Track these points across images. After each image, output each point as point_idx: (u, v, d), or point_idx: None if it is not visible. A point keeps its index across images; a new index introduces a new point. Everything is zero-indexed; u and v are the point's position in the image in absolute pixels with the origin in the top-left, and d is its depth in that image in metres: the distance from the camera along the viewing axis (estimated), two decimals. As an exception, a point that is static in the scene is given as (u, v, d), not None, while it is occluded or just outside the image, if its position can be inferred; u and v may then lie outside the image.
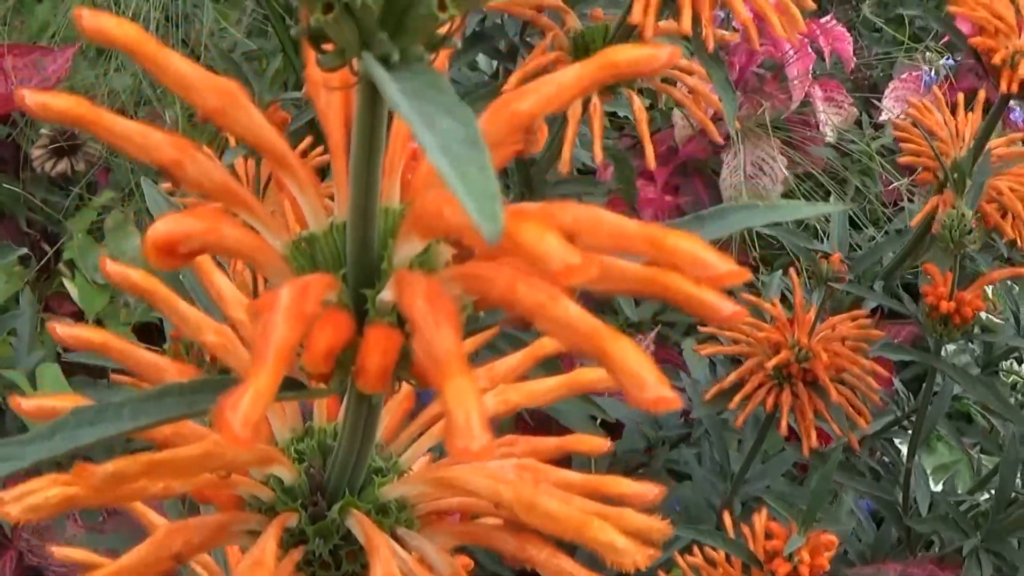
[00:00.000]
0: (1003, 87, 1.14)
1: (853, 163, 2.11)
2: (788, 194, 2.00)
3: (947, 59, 2.15)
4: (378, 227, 0.36)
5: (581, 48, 0.87)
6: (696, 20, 0.76)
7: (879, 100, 2.22)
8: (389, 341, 0.34)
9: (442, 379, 0.29)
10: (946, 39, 2.21)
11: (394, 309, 0.35)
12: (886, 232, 2.01)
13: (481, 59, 1.51)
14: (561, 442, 0.49)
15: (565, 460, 0.49)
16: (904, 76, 2.20)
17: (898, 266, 1.30)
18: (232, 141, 1.01)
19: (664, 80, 0.91)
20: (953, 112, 1.30)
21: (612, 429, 1.43)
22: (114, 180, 1.85)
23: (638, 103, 0.87)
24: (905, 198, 1.97)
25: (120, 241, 1.74)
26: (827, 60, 2.06)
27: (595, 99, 0.86)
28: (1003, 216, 1.22)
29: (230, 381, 0.36)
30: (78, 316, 1.67)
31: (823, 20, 2.19)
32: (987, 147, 1.20)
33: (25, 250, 1.60)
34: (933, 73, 2.09)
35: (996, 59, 1.13)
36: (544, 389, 0.49)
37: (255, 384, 0.29)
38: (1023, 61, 1.13)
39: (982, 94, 1.23)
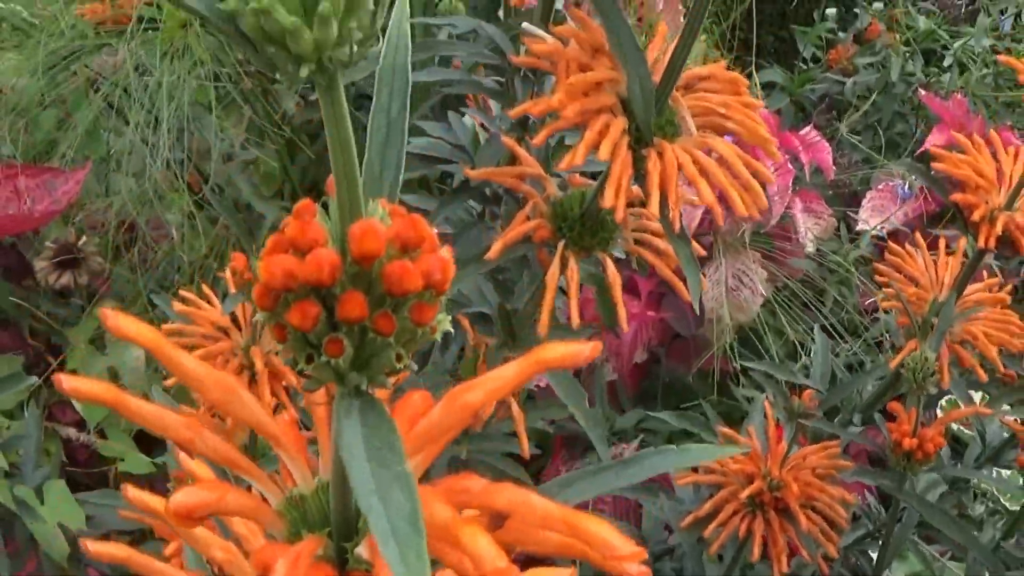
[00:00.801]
0: (981, 242, 1.19)
1: (831, 272, 2.17)
2: (768, 303, 2.06)
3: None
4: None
5: (560, 215, 0.93)
6: (664, 202, 0.83)
7: (859, 208, 2.28)
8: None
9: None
10: (922, 149, 2.27)
11: (366, 561, 0.41)
12: (864, 340, 2.07)
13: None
14: None
15: None
16: (881, 187, 2.27)
17: (876, 402, 1.36)
18: (232, 288, 1.06)
19: (637, 241, 0.97)
20: (935, 243, 1.36)
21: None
22: (115, 290, 1.91)
23: (612, 269, 0.92)
24: (882, 309, 2.03)
25: (120, 352, 1.79)
26: (807, 172, 2.13)
27: (572, 264, 0.92)
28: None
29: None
30: (80, 424, 1.73)
31: (804, 131, 2.26)
32: (962, 294, 1.26)
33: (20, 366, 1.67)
34: (907, 187, 2.16)
35: (975, 216, 1.18)
36: None
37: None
38: (1001, 217, 1.19)
39: (963, 242, 1.28)
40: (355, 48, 0.35)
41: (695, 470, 1.28)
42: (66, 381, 0.39)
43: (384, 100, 0.44)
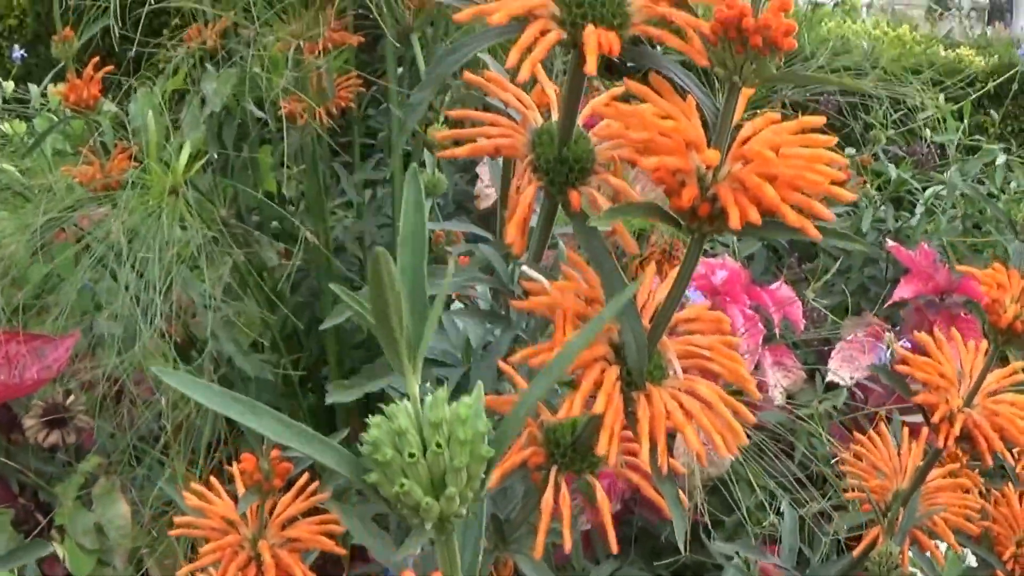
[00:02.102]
0: (940, 443, 1.26)
1: (800, 425, 2.22)
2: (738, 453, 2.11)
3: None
4: None
5: (552, 442, 0.99)
6: (653, 449, 0.88)
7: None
8: None
9: None
10: (891, 302, 2.34)
11: None
12: (834, 492, 2.11)
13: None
14: None
15: None
16: (850, 338, 2.33)
17: (844, 581, 1.41)
18: (241, 489, 1.11)
19: (624, 463, 1.02)
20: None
21: None
22: (100, 446, 1.94)
23: (601, 494, 0.98)
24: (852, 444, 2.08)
25: (107, 508, 1.83)
26: (777, 327, 2.19)
27: (564, 491, 0.97)
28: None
29: None
30: (68, 578, 1.76)
31: (774, 286, 2.33)
32: (925, 482, 1.32)
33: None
34: (888, 351, 2.21)
35: (935, 417, 1.25)
36: None
37: None
38: (960, 417, 1.25)
39: (925, 431, 1.34)
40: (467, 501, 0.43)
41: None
42: None
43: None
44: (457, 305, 1.24)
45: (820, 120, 0.85)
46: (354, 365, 2.42)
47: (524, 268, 0.96)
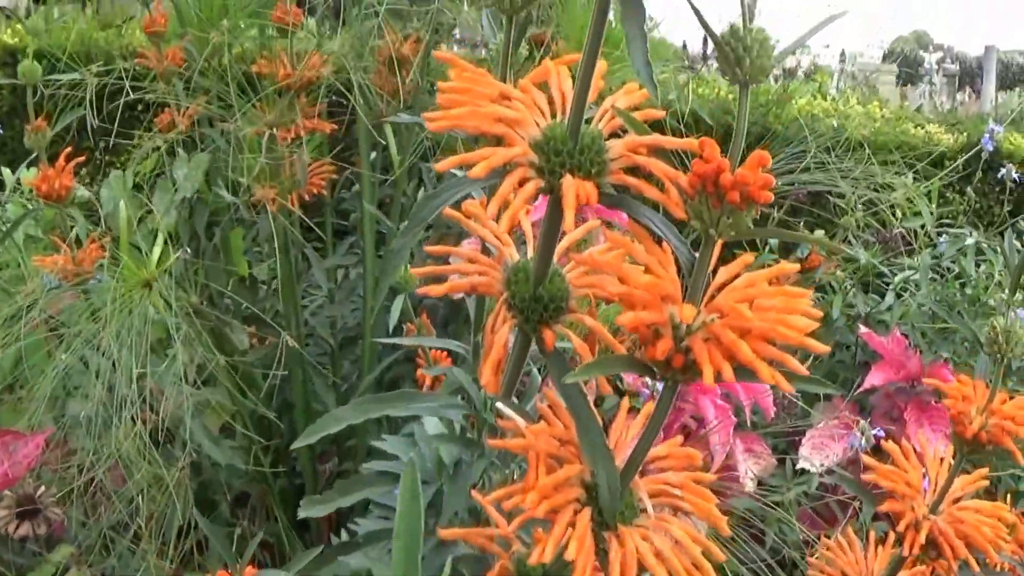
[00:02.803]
0: (905, 550, 1.26)
1: (771, 511, 2.23)
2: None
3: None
4: None
5: (523, 574, 0.99)
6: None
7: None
8: None
9: None
10: (863, 389, 2.35)
11: None
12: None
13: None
14: None
15: None
16: (820, 426, 2.34)
17: None
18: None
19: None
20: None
21: None
22: (69, 535, 1.92)
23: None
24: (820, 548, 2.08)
25: (76, 599, 1.81)
26: (747, 414, 2.20)
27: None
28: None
29: None
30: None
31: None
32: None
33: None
34: (862, 438, 2.21)
35: (901, 526, 1.26)
36: None
37: None
38: (925, 524, 1.26)
39: (892, 536, 1.35)
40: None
41: None
42: None
43: None
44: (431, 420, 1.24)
45: (795, 267, 0.86)
46: (324, 449, 2.42)
47: (499, 405, 0.96)
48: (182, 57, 2.26)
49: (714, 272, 0.86)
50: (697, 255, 0.82)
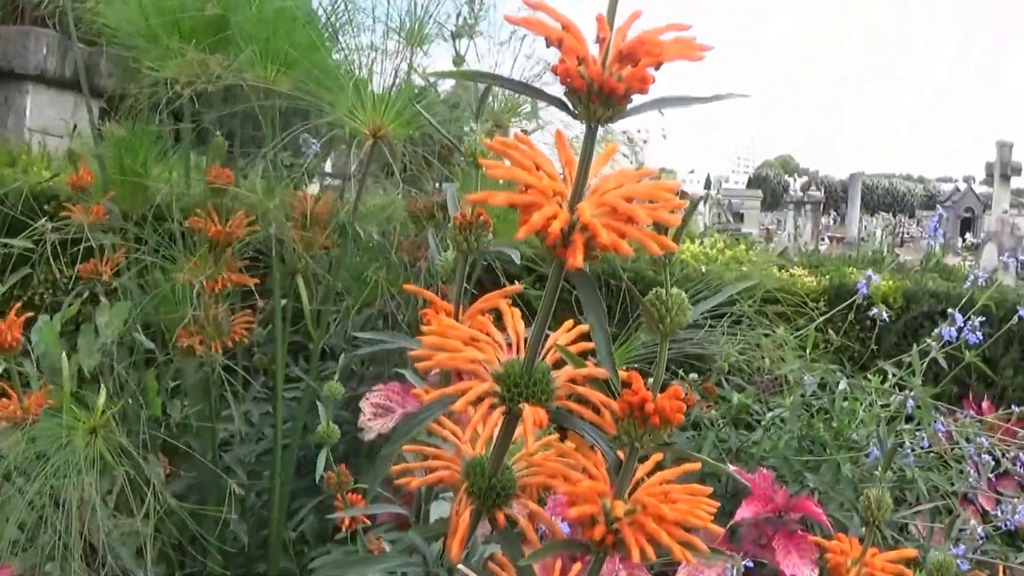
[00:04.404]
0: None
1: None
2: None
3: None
4: None
5: None
6: None
7: None
8: None
9: None
10: (734, 521, 2.56)
11: None
12: None
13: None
14: None
15: None
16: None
17: None
18: None
19: None
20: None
21: None
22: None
23: None
24: None
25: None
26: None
27: None
28: None
29: None
30: None
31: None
32: None
33: None
34: (732, 570, 2.42)
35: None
36: None
37: None
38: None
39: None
40: None
41: None
42: None
43: None
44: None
45: (697, 467, 1.08)
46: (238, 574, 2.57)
47: (460, 567, 1.16)
48: (105, 212, 2.43)
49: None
50: (623, 459, 1.04)
